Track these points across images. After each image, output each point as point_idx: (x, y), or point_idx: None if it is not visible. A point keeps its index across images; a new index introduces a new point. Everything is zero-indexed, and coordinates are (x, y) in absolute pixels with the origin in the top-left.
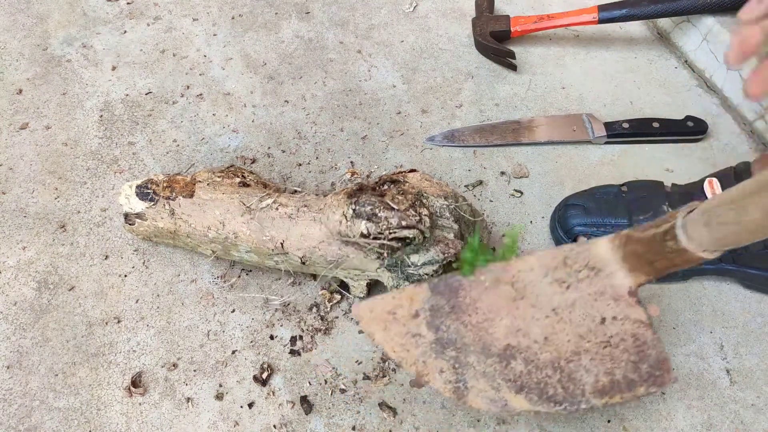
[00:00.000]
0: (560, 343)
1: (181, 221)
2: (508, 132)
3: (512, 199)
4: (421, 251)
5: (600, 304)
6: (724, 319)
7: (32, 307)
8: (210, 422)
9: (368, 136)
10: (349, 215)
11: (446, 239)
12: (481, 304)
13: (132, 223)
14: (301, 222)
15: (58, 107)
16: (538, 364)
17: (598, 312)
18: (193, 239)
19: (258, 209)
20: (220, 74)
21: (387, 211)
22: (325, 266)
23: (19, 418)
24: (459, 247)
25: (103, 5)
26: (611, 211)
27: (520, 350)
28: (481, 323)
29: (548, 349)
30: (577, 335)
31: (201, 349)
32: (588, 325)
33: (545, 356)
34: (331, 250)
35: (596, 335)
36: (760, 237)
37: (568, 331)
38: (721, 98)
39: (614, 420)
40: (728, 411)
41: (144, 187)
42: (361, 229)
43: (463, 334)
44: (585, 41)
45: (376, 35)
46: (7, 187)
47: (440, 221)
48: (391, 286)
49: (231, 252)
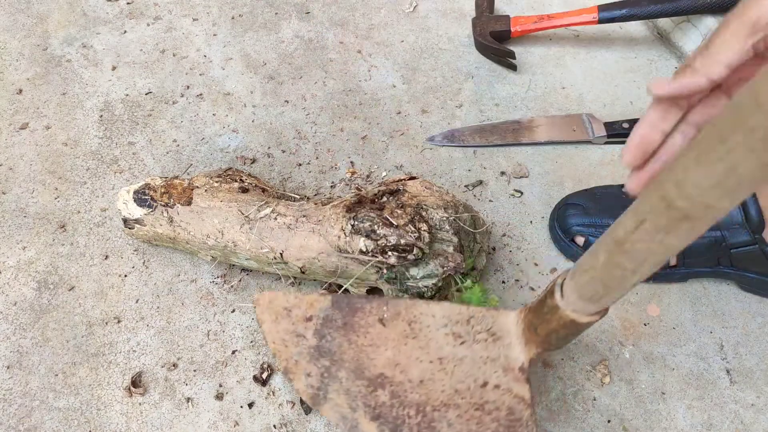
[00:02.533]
0: (433, 390)
1: (180, 228)
2: (508, 132)
3: (512, 199)
4: (421, 265)
5: (487, 369)
6: (724, 319)
7: (32, 307)
8: (210, 422)
9: (368, 136)
10: (348, 231)
11: (446, 252)
12: (373, 330)
13: (131, 228)
14: (299, 233)
15: (58, 107)
16: (404, 402)
17: (483, 375)
18: (193, 245)
19: (256, 219)
20: (220, 74)
21: (386, 228)
22: (324, 276)
23: (19, 418)
24: (459, 260)
25: (103, 5)
26: (611, 212)
27: (392, 383)
28: (365, 346)
29: (419, 392)
30: (453, 389)
31: (201, 349)
32: (468, 383)
33: (413, 397)
34: (331, 261)
35: (472, 396)
36: (617, 290)
37: (445, 382)
38: None
39: (614, 420)
40: (728, 411)
41: (141, 193)
42: (360, 246)
43: (344, 350)
44: (585, 41)
45: (376, 35)
46: (7, 187)
47: (440, 234)
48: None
49: (231, 258)
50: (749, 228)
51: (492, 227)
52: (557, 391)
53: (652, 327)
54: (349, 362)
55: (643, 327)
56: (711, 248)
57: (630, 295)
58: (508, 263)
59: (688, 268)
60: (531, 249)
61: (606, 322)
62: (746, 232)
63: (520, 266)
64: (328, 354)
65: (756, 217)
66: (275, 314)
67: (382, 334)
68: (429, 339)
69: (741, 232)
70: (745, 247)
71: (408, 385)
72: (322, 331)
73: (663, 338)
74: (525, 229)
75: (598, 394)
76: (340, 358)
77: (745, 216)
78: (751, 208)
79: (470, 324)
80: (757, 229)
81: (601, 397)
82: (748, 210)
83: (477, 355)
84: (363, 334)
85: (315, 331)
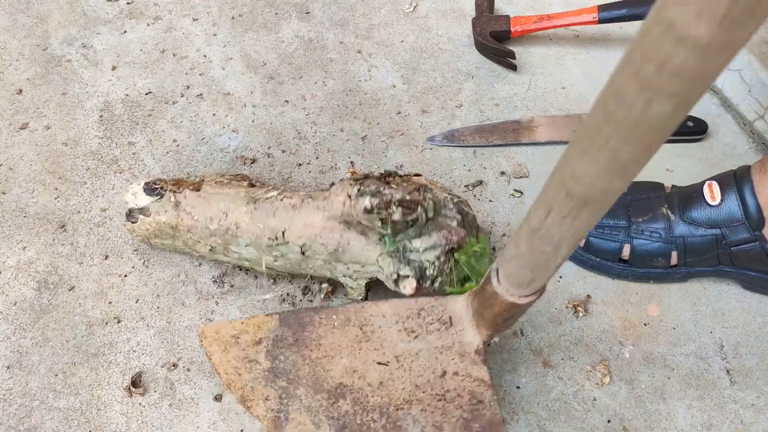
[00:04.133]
0: (394, 390)
1: (185, 213)
2: (508, 132)
3: (512, 199)
4: (424, 236)
5: (444, 358)
6: (724, 319)
7: (32, 307)
8: (210, 422)
9: (368, 136)
10: (354, 194)
11: (449, 226)
12: (325, 341)
13: (134, 221)
14: (304, 211)
15: (58, 107)
16: (366, 407)
17: (441, 365)
18: (194, 234)
19: (262, 199)
20: (220, 74)
21: (391, 189)
22: (324, 258)
23: (19, 418)
24: (462, 234)
25: (103, 5)
26: (610, 213)
27: (352, 391)
28: (319, 359)
29: (380, 394)
30: (414, 385)
31: (201, 349)
32: (427, 376)
33: (375, 400)
34: (333, 237)
35: (433, 387)
36: (545, 272)
37: (405, 380)
38: (721, 98)
39: (614, 420)
40: (728, 411)
41: (152, 184)
42: (365, 204)
43: (299, 367)
44: (585, 41)
45: (376, 35)
46: (7, 187)
47: (444, 211)
48: (392, 271)
49: (230, 247)
50: (749, 225)
51: (492, 227)
52: (557, 391)
53: (652, 327)
54: (306, 378)
55: (643, 327)
56: (711, 247)
57: (630, 295)
58: None
59: (689, 267)
60: None
61: (606, 322)
62: (746, 229)
63: None
64: (284, 374)
65: (755, 215)
66: (223, 344)
67: (335, 343)
68: (382, 339)
69: (741, 230)
70: (745, 244)
71: (368, 390)
72: (274, 352)
73: (663, 338)
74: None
75: (598, 394)
76: (296, 376)
77: (744, 213)
78: (751, 206)
79: (421, 316)
80: (757, 227)
81: (601, 397)
82: (747, 207)
83: (432, 346)
84: (315, 347)
85: (266, 353)
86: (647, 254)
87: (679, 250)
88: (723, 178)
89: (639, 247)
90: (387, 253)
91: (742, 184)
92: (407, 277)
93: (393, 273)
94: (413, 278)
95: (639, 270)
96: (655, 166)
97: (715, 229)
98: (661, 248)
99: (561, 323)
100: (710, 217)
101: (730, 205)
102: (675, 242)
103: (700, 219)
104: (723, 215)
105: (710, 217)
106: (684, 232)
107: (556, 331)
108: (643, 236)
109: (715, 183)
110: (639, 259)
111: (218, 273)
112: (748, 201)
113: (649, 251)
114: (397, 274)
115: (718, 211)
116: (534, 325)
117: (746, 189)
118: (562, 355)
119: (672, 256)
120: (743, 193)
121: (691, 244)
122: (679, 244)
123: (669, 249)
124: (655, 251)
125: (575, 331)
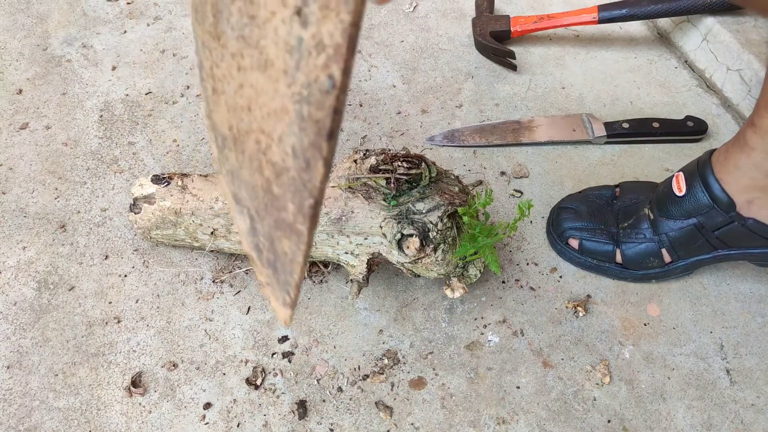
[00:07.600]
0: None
1: (190, 195)
2: (508, 132)
3: (512, 199)
4: (427, 199)
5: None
6: (724, 319)
7: (32, 307)
8: (210, 422)
9: (368, 136)
10: (359, 159)
11: (451, 192)
12: None
13: (137, 211)
14: None
15: (58, 107)
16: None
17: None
18: (197, 217)
19: None
20: None
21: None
22: (328, 231)
23: (19, 418)
24: (464, 198)
25: (103, 5)
26: (601, 216)
27: (235, 139)
28: None
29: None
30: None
31: (201, 349)
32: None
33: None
34: (337, 206)
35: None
36: None
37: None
38: (721, 98)
39: (614, 420)
40: (728, 411)
41: (160, 175)
42: (371, 162)
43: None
44: (585, 41)
45: (376, 35)
46: (7, 187)
47: (445, 180)
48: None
49: (232, 228)
50: (720, 209)
51: None
52: (557, 391)
53: (652, 327)
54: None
55: (643, 327)
56: (695, 236)
57: (630, 295)
58: (508, 263)
59: (684, 260)
60: (531, 249)
61: (606, 322)
62: (718, 213)
63: (520, 266)
64: None
65: (723, 198)
66: None
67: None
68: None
69: (714, 215)
70: (724, 227)
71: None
72: None
73: (663, 338)
74: (525, 229)
75: (598, 394)
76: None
77: (711, 199)
78: (715, 190)
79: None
80: (728, 209)
81: (601, 397)
82: (712, 192)
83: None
84: None
85: None
86: (638, 256)
87: (667, 246)
88: (688, 167)
89: (628, 251)
90: (391, 217)
91: (703, 170)
92: (411, 236)
93: (397, 233)
94: (417, 237)
95: (637, 272)
96: (655, 165)
97: (691, 218)
98: (649, 248)
99: (561, 323)
100: (682, 207)
101: (697, 193)
102: (660, 240)
103: (675, 212)
104: (692, 204)
105: (682, 208)
106: (665, 228)
107: (556, 331)
108: (630, 240)
109: (682, 174)
110: (632, 262)
111: (218, 273)
112: (712, 186)
113: (639, 253)
114: (401, 233)
115: (686, 201)
116: (534, 325)
117: (708, 175)
118: (562, 355)
119: (663, 254)
120: (706, 180)
121: (674, 238)
122: (665, 241)
123: (657, 248)
124: (645, 252)
125: (575, 331)
